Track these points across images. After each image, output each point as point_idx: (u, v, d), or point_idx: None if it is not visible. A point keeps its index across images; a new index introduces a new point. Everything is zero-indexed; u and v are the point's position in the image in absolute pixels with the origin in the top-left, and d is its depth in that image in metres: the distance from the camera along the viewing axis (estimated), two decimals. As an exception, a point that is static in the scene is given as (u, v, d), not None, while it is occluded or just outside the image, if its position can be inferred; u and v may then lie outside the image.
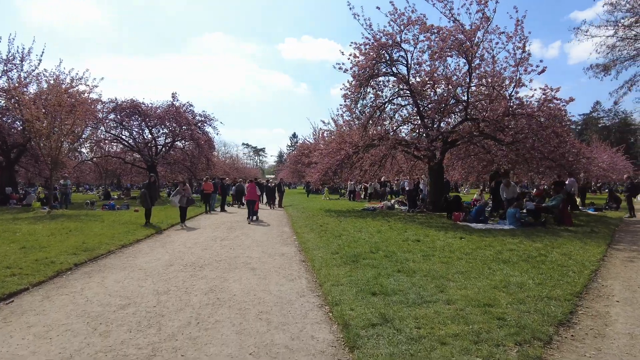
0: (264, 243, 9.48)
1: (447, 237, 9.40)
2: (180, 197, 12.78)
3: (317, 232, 10.66)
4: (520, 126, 13.58)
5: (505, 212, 13.11)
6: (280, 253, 8.17)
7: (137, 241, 9.81)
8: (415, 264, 6.46)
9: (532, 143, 12.44)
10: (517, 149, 13.19)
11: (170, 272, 6.52)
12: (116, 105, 29.60)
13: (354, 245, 8.36)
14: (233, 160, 65.28)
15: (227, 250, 8.45)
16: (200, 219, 15.41)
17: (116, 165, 35.45)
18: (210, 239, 10.09)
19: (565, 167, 13.28)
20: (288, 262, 7.25)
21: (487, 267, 6.18)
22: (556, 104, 13.97)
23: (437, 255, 7.16)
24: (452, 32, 13.27)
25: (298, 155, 43.24)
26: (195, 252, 8.35)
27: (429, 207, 16.64)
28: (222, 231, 11.70)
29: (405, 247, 8.05)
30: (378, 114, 16.68)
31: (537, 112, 13.78)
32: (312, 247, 8.40)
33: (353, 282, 5.45)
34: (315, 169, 18.76)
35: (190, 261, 7.37)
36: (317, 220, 13.59)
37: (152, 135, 32.25)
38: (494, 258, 6.93)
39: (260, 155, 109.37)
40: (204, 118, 32.60)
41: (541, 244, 8.42)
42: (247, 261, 7.35)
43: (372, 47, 15.26)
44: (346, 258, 7.07)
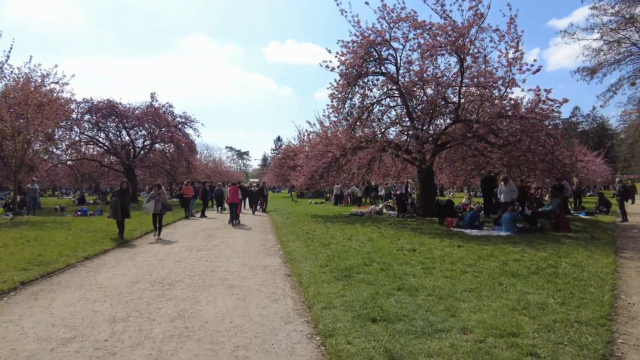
0: (244, 253, 8.60)
1: (444, 246, 8.71)
2: (155, 202, 11.06)
3: (304, 241, 9.85)
4: (514, 128, 13.05)
5: (500, 217, 12.60)
6: (263, 265, 7.33)
7: (104, 252, 8.83)
8: (416, 280, 5.70)
9: (528, 145, 11.91)
10: (511, 150, 12.65)
11: (134, 291, 5.61)
12: (91, 106, 28.24)
13: (345, 256, 7.58)
14: (216, 163, 63.87)
15: (203, 263, 7.55)
16: (178, 226, 14.40)
17: (92, 169, 33.79)
18: (185, 249, 9.15)
19: (561, 171, 12.80)
20: (271, 277, 6.40)
21: (498, 283, 5.47)
22: (550, 105, 13.54)
23: (438, 268, 6.43)
24: (445, 27, 12.67)
25: (282, 159, 42.38)
26: (167, 265, 7.43)
27: (419, 211, 16.01)
28: (200, 240, 10.76)
29: (401, 258, 7.30)
30: (366, 115, 15.99)
31: (531, 114, 13.31)
32: (299, 258, 7.58)
33: (348, 303, 4.66)
34: (301, 172, 17.95)
35: (159, 277, 6.45)
36: (303, 227, 12.77)
37: (130, 137, 30.91)
38: (501, 271, 6.24)
39: (244, 159, 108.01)
40: (184, 119, 31.46)
41: (545, 253, 7.80)
42: (225, 276, 6.48)
43: (361, 45, 14.59)
44: (337, 272, 6.28)
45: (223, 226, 14.03)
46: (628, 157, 65.56)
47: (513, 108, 13.19)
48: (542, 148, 12.38)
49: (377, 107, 16.60)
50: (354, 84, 14.85)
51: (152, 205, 11.04)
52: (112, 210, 10.65)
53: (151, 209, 11.06)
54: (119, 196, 10.83)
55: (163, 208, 11.28)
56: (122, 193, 10.94)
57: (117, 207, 10.55)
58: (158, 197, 11.17)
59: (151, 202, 11.07)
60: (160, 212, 11.23)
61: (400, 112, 17.43)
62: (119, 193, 10.99)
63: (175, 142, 29.63)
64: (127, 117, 29.35)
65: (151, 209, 11.04)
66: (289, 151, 40.14)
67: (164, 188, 38.36)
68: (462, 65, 13.68)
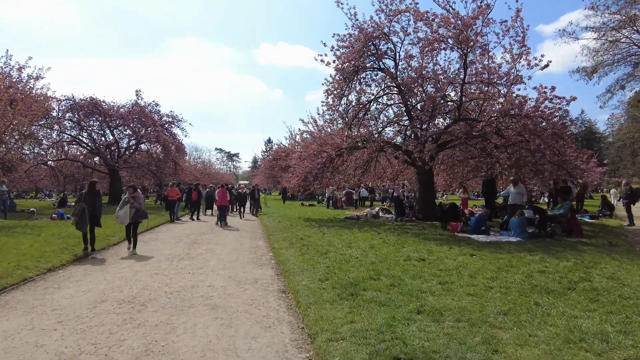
0: (232, 263, 7.63)
1: (455, 254, 7.84)
2: (129, 208, 8.88)
3: (298, 248, 8.90)
4: (521, 127, 12.29)
5: (506, 222, 11.82)
6: (253, 279, 6.36)
7: (72, 261, 7.80)
8: (436, 299, 4.80)
9: (537, 145, 11.14)
10: (519, 150, 11.88)
11: (96, 314, 4.61)
12: (73, 104, 26.91)
13: (347, 267, 6.66)
14: (205, 165, 62.49)
15: (184, 276, 6.56)
16: (161, 231, 13.34)
17: (75, 170, 32.31)
18: (165, 259, 8.13)
19: (570, 173, 12.08)
20: (263, 295, 5.45)
21: (533, 303, 4.60)
22: (556, 104, 12.82)
23: (458, 283, 5.54)
24: (449, 19, 11.84)
25: (273, 160, 41.34)
26: (142, 278, 6.42)
27: (419, 215, 15.16)
28: (183, 247, 9.74)
29: (411, 270, 6.40)
30: (363, 113, 15.12)
31: (537, 112, 12.59)
32: (294, 270, 6.64)
33: (359, 333, 3.74)
34: (294, 174, 16.98)
35: (130, 294, 5.45)
36: (297, 232, 11.82)
37: (114, 136, 29.61)
38: (530, 286, 5.38)
39: (234, 161, 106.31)
40: (171, 119, 30.27)
41: (569, 262, 6.98)
42: (208, 293, 5.51)
43: (358, 39, 13.73)
44: (340, 288, 5.35)
45: (209, 231, 13.01)
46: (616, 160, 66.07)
47: (519, 106, 12.42)
48: (550, 149, 11.62)
49: (374, 105, 15.74)
50: (351, 80, 13.96)
51: (126, 213, 8.86)
52: (77, 218, 8.43)
53: (126, 218, 8.82)
54: (86, 200, 8.63)
55: (137, 215, 8.97)
56: (90, 196, 8.78)
57: (84, 215, 8.42)
58: (133, 201, 9.00)
59: (125, 209, 8.88)
60: (134, 221, 8.96)
61: (398, 110, 16.62)
62: (86, 196, 8.75)
63: (162, 142, 28.42)
64: (111, 116, 28.10)
65: (126, 218, 8.83)
66: (280, 152, 39.15)
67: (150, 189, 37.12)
68: (465, 61, 12.89)
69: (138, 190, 9.31)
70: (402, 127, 16.75)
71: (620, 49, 24.79)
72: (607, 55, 24.86)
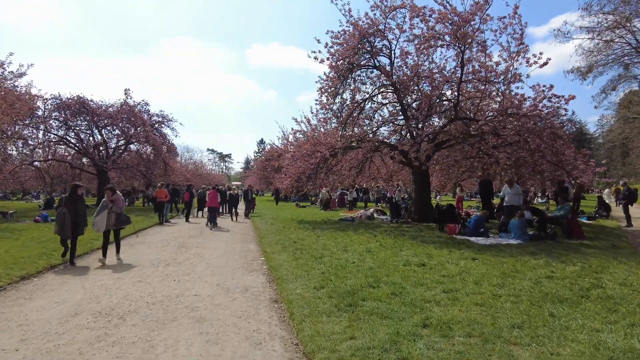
0: (221, 269, 7.19)
1: (456, 258, 7.48)
2: (108, 214, 7.86)
3: (291, 252, 8.48)
4: (520, 126, 12.01)
5: (505, 223, 11.52)
6: (243, 287, 5.93)
7: (50, 268, 7.30)
8: (441, 310, 4.42)
9: (538, 145, 10.84)
10: (518, 150, 11.59)
11: (68, 329, 4.16)
12: (60, 103, 26.17)
13: (343, 274, 6.25)
14: (196, 166, 61.76)
15: (169, 284, 6.10)
16: (149, 233, 12.84)
17: (62, 170, 31.51)
18: (150, 264, 7.66)
19: (570, 173, 11.82)
20: (254, 305, 5.02)
21: (548, 314, 4.23)
22: (554, 103, 12.56)
23: (463, 291, 5.16)
24: (447, 14, 11.52)
25: (266, 161, 40.87)
26: (124, 286, 5.95)
27: (414, 217, 14.81)
28: (171, 251, 9.26)
29: (412, 276, 6.02)
30: (358, 112, 14.74)
31: (535, 111, 12.32)
32: (287, 277, 6.22)
33: (361, 352, 3.33)
34: (286, 174, 16.54)
35: (109, 305, 4.99)
36: (290, 235, 11.39)
37: (103, 136, 28.90)
38: (541, 293, 5.02)
39: (226, 162, 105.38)
40: (161, 118, 29.65)
41: (575, 267, 6.65)
42: (194, 303, 5.07)
43: (352, 35, 13.35)
44: (337, 297, 4.94)
45: (199, 234, 12.53)
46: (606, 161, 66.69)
47: (518, 105, 12.13)
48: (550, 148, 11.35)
49: (368, 104, 15.37)
50: (346, 77, 13.57)
51: (104, 219, 7.78)
52: (59, 225, 7.63)
53: (103, 225, 7.78)
54: (68, 205, 7.76)
55: (118, 221, 8.03)
56: (72, 200, 7.90)
57: (65, 221, 7.60)
58: (112, 205, 7.98)
59: (103, 214, 7.80)
60: (115, 227, 8.07)
61: (393, 109, 16.29)
62: (67, 201, 7.87)
63: (152, 142, 27.78)
64: (100, 116, 27.41)
65: (103, 224, 7.77)
66: (273, 152, 38.71)
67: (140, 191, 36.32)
68: (462, 58, 12.58)
69: (118, 192, 8.33)
70: (397, 126, 16.42)
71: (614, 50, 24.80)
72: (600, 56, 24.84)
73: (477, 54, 12.69)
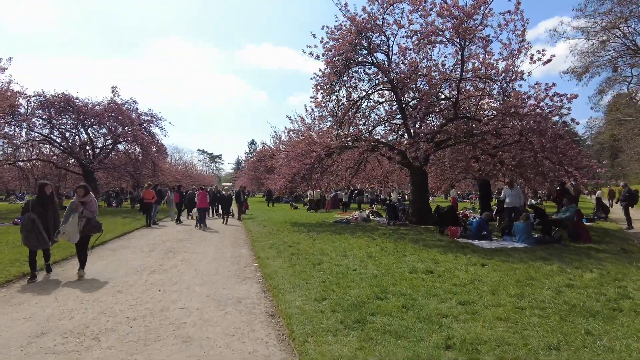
0: (211, 277, 6.60)
1: (463, 264, 7.00)
2: (79, 218, 6.50)
3: (287, 257, 7.92)
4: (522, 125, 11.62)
5: (507, 225, 11.10)
6: (236, 298, 5.35)
7: (23, 276, 6.62)
8: (462, 326, 3.90)
9: (543, 144, 10.44)
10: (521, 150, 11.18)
11: (29, 354, 3.55)
12: (44, 100, 25.23)
13: (346, 283, 5.72)
14: (186, 166, 60.74)
15: (153, 295, 5.50)
16: (135, 237, 12.17)
17: (47, 171, 30.50)
18: (134, 272, 7.04)
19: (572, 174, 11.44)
20: (248, 321, 4.46)
21: (584, 331, 3.74)
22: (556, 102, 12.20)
23: (480, 303, 4.66)
24: (449, 8, 11.07)
25: (257, 161, 40.20)
26: (102, 298, 5.34)
27: (412, 219, 14.33)
28: (157, 256, 8.64)
29: (421, 285, 5.51)
30: (354, 110, 14.24)
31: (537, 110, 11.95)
32: (284, 286, 5.66)
33: (378, 384, 2.80)
34: (280, 175, 15.96)
35: (82, 322, 4.38)
36: (284, 238, 10.83)
37: (89, 135, 27.99)
38: (567, 305, 4.54)
39: (217, 162, 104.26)
40: (150, 117, 28.82)
41: (592, 273, 6.21)
42: (181, 319, 4.49)
43: (349, 30, 12.86)
44: (342, 311, 4.41)
45: (188, 237, 11.89)
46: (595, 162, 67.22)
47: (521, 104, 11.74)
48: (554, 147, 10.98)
49: (365, 102, 14.90)
50: (343, 73, 13.05)
51: (75, 227, 6.41)
52: (25, 233, 6.31)
53: (76, 234, 6.43)
54: (35, 209, 6.40)
55: (87, 227, 6.58)
56: (41, 203, 6.49)
57: (33, 229, 6.28)
58: (83, 208, 6.60)
59: (73, 220, 6.43)
60: (84, 234, 6.59)
61: (390, 108, 15.84)
62: (35, 204, 6.45)
63: (140, 141, 26.95)
64: (86, 114, 26.50)
65: (76, 233, 6.42)
66: (265, 152, 38.08)
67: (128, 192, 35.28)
68: (463, 55, 12.17)
69: (90, 193, 6.88)
70: (393, 125, 15.98)
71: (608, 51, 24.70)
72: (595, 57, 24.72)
73: (477, 50, 12.29)
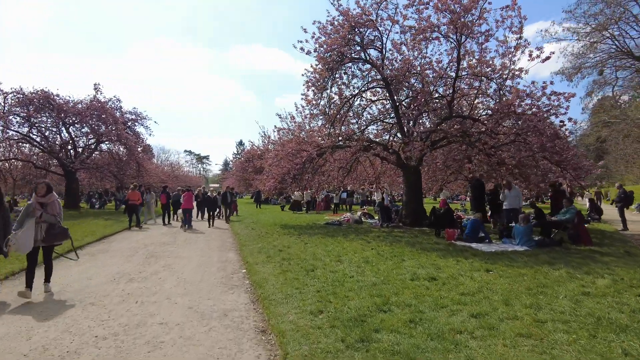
0: (195, 285, 6.02)
1: (466, 269, 6.55)
2: (36, 224, 5.41)
3: (278, 263, 7.39)
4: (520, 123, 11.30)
5: (506, 228, 10.74)
6: (222, 311, 4.80)
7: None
8: (481, 345, 3.42)
9: (543, 143, 10.11)
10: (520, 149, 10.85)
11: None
12: (22, 97, 24.17)
13: (343, 292, 5.21)
14: (173, 167, 59.66)
15: (128, 308, 4.91)
16: (116, 240, 11.51)
17: (26, 171, 29.39)
18: (111, 280, 6.42)
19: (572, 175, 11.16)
20: (235, 338, 3.91)
21: (622, 351, 3.29)
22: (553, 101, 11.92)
23: (495, 315, 4.20)
24: (448, 1, 10.66)
25: (245, 162, 39.51)
26: (69, 312, 4.73)
27: (406, 221, 13.91)
28: (138, 261, 8.01)
29: (426, 295, 5.03)
30: (347, 108, 13.77)
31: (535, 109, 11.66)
32: (275, 296, 5.13)
33: None
34: (269, 175, 15.38)
35: (40, 343, 3.79)
36: (274, 241, 10.28)
37: (70, 134, 26.97)
38: (592, 318, 4.09)
39: (204, 163, 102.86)
40: (134, 116, 27.95)
41: (605, 280, 5.80)
42: (158, 337, 3.92)
43: (342, 25, 12.39)
44: (342, 327, 3.90)
45: (172, 240, 11.26)
46: (580, 165, 68.24)
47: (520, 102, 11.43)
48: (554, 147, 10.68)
49: (357, 101, 14.44)
50: (335, 70, 12.56)
51: (29, 235, 5.28)
52: None
53: (29, 244, 5.27)
54: None
55: (50, 235, 5.50)
56: None
57: None
58: (42, 211, 5.45)
59: (28, 227, 5.30)
60: (46, 244, 5.54)
61: (383, 107, 15.43)
62: None
63: (124, 141, 26.04)
64: (67, 112, 25.49)
65: (29, 242, 5.27)
66: (253, 153, 37.43)
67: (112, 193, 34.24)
68: (459, 51, 11.80)
69: (53, 193, 5.67)
70: (386, 125, 15.57)
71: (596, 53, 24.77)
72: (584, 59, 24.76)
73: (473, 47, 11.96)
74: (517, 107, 11.75)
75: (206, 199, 16.43)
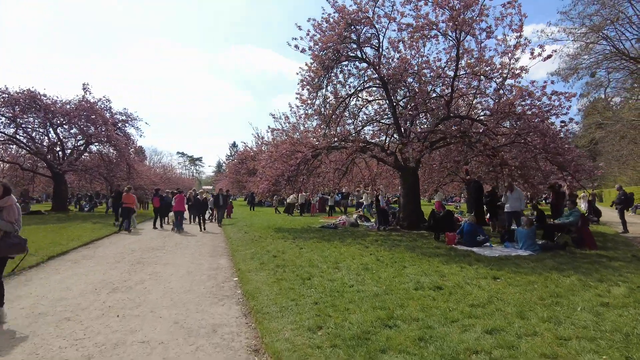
0: (182, 296, 5.58)
1: (471, 277, 6.18)
2: None
3: (272, 270, 6.96)
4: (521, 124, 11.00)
5: (508, 231, 10.41)
6: (211, 326, 4.36)
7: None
8: (503, 369, 3.04)
9: (546, 143, 9.81)
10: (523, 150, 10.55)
11: None
12: (8, 97, 23.48)
13: (343, 304, 4.80)
14: (165, 169, 58.83)
15: (108, 322, 4.46)
16: (103, 244, 11.01)
17: (13, 173, 28.67)
18: (92, 289, 5.95)
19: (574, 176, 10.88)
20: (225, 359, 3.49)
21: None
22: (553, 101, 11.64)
23: (512, 331, 3.82)
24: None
25: (239, 164, 38.98)
26: (40, 329, 4.27)
27: (403, 224, 13.54)
28: (123, 269, 7.54)
29: (433, 306, 4.64)
30: (342, 108, 13.38)
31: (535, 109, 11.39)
32: (269, 309, 4.71)
33: None
34: (263, 177, 14.94)
35: (4, 367, 3.34)
36: (267, 246, 9.85)
37: (58, 135, 26.28)
38: (620, 335, 3.72)
39: (197, 165, 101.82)
40: (125, 117, 27.32)
41: (620, 287, 5.47)
42: (139, 357, 3.49)
43: (337, 22, 12.01)
44: (345, 347, 3.49)
45: (161, 245, 10.77)
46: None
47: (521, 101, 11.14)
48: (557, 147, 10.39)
49: (353, 101, 14.06)
50: (331, 68, 12.17)
51: None
52: None
53: None
54: None
55: (4, 246, 4.57)
56: None
57: None
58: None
59: None
60: (1, 255, 4.63)
61: (379, 108, 15.07)
62: None
63: (114, 142, 25.41)
64: (54, 112, 24.82)
65: None
66: (246, 154, 36.92)
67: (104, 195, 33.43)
68: (458, 49, 11.48)
69: (12, 195, 4.81)
70: (383, 125, 15.22)
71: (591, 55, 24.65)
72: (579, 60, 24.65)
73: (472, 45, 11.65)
74: (516, 107, 11.48)
75: (196, 201, 15.95)
